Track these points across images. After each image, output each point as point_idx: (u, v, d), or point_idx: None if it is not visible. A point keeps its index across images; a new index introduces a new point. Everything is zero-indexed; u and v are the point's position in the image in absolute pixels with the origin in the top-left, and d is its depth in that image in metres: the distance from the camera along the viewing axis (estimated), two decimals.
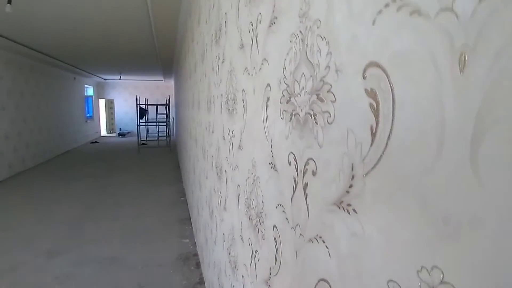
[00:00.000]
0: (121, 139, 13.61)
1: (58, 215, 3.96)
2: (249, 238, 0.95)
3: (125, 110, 15.03)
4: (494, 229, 0.24)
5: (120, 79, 13.64)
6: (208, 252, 2.00)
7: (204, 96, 1.95)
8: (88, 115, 12.92)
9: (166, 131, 10.40)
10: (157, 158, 8.47)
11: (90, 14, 4.23)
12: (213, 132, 1.62)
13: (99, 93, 14.49)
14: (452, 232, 0.28)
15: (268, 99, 0.72)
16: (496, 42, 0.24)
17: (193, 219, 3.42)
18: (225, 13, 1.26)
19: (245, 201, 0.98)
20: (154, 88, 15.07)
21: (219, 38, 1.42)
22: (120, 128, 14.95)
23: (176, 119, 10.49)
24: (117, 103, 15.10)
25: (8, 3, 3.39)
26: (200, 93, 2.27)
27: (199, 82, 2.30)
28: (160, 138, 10.75)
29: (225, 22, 1.26)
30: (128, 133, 14.53)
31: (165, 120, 10.51)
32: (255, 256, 0.90)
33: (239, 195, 1.07)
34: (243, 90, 0.97)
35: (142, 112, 10.83)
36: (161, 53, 7.21)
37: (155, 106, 11.08)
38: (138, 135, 9.72)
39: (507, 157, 0.23)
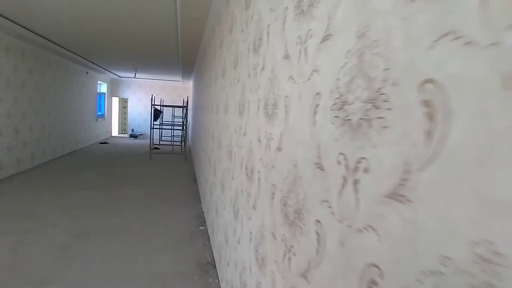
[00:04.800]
0: (132, 141, 13.24)
1: (37, 242, 3.14)
2: (283, 234, 1.03)
3: (139, 111, 14.62)
4: None
5: (135, 76, 12.88)
6: None
7: (235, 101, 2.05)
8: (100, 113, 12.41)
9: (182, 135, 9.84)
10: (170, 167, 7.59)
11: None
12: (245, 134, 1.71)
13: (113, 91, 14.12)
14: (501, 210, 0.36)
15: (317, 105, 0.81)
16: None
17: (220, 266, 2.56)
18: (268, 25, 1.36)
19: (281, 199, 1.06)
20: (170, 89, 14.64)
21: (258, 47, 1.52)
22: (133, 129, 14.59)
23: (193, 123, 9.93)
24: (131, 102, 14.64)
25: None
26: (229, 98, 2.37)
27: (229, 86, 2.41)
28: (174, 142, 10.17)
29: (267, 33, 1.36)
30: (140, 134, 14.24)
31: (181, 123, 9.93)
32: (289, 251, 0.98)
33: (273, 194, 1.15)
34: (286, 96, 1.06)
35: (157, 114, 10.11)
36: (183, 52, 6.82)
37: (171, 108, 10.57)
38: (151, 139, 9.05)
39: None
